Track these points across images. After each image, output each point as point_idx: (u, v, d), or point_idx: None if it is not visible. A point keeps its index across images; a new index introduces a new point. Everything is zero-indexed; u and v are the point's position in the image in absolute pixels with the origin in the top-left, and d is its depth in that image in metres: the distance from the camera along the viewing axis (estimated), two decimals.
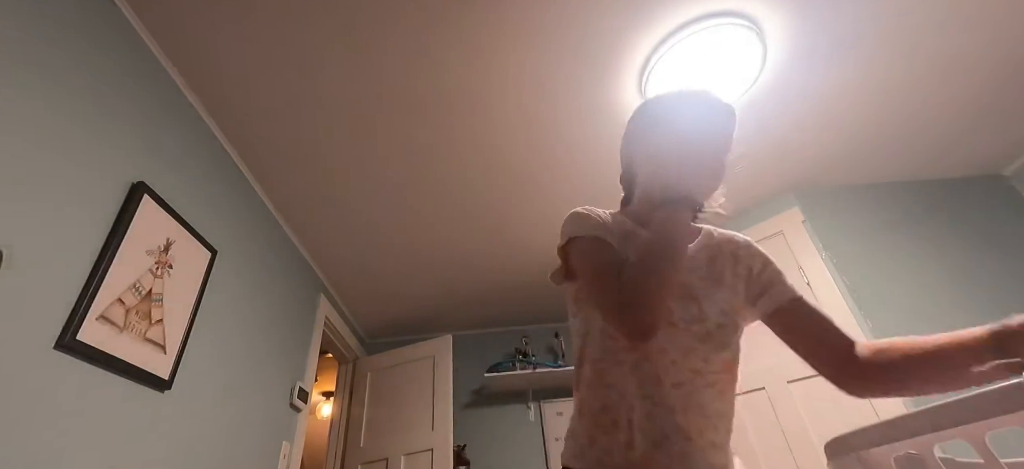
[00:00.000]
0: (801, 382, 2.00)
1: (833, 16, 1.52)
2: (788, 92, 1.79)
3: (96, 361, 1.15)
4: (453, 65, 1.61)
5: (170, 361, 1.39)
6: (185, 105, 1.61)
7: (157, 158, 1.44)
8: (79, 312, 1.10)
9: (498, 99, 1.74)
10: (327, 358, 3.28)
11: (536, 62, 1.62)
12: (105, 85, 1.28)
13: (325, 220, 2.32)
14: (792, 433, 1.96)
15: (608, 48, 1.59)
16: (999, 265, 2.07)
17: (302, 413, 2.32)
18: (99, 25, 1.29)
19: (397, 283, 2.89)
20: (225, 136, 1.80)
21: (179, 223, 1.47)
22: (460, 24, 1.48)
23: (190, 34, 1.46)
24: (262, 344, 1.99)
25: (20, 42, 1.06)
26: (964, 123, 2.01)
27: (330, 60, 1.56)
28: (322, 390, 4.64)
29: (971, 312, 1.94)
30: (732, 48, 1.58)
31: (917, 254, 2.11)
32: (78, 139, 1.17)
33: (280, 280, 2.20)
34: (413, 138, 1.88)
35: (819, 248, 2.12)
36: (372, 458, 2.80)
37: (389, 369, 3.07)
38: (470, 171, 2.07)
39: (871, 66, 1.71)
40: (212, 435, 1.58)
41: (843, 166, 2.20)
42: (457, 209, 2.31)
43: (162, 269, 1.39)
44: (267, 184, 2.06)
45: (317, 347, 2.57)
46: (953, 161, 2.24)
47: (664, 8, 1.48)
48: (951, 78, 1.78)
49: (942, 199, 2.27)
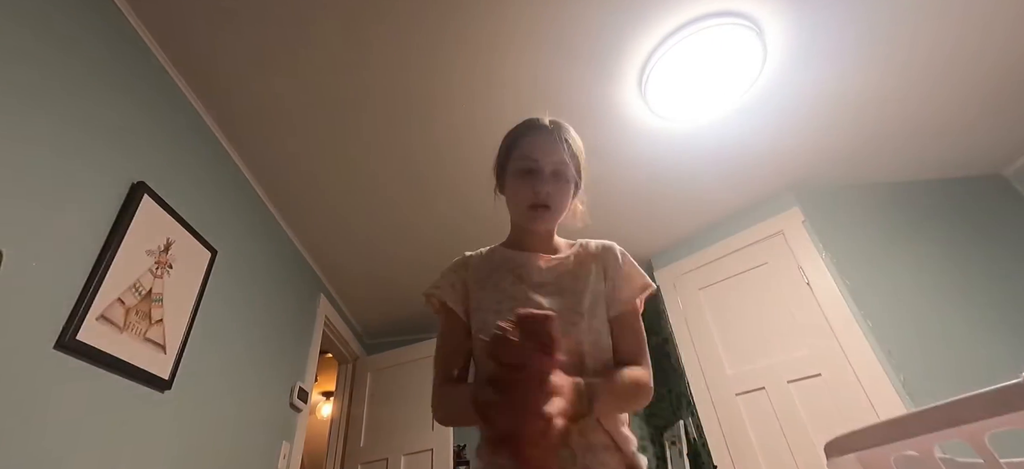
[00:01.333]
0: (801, 382, 2.00)
1: (833, 16, 1.52)
2: (788, 92, 1.79)
3: (96, 361, 1.15)
4: (453, 65, 1.61)
5: (170, 361, 1.39)
6: (185, 105, 1.61)
7: (157, 158, 1.44)
8: (79, 312, 1.10)
9: (497, 99, 1.74)
10: (327, 358, 3.28)
11: (535, 62, 1.62)
12: (105, 85, 1.28)
13: (325, 220, 2.32)
14: (792, 433, 1.96)
15: (608, 48, 1.59)
16: (999, 265, 2.07)
17: (302, 413, 2.32)
18: (99, 25, 1.29)
19: (397, 283, 2.89)
20: (225, 136, 1.80)
21: (179, 223, 1.47)
22: (459, 24, 1.48)
23: (191, 34, 1.46)
24: (262, 344, 1.99)
25: (20, 42, 1.06)
26: (964, 123, 2.01)
27: (329, 60, 1.56)
28: (322, 390, 4.63)
29: (971, 312, 1.95)
30: (732, 48, 1.58)
31: (917, 254, 2.11)
32: (78, 139, 1.17)
33: (280, 280, 2.20)
34: (413, 137, 1.88)
35: (819, 248, 2.12)
36: (372, 458, 2.80)
37: (389, 369, 3.07)
38: (470, 171, 2.07)
39: (871, 66, 1.71)
40: (212, 435, 1.58)
41: (843, 166, 2.20)
42: (457, 208, 2.31)
43: (162, 269, 1.39)
44: (267, 184, 2.06)
45: (317, 347, 2.57)
46: (953, 161, 2.24)
47: (664, 8, 1.48)
48: (951, 78, 1.78)
49: (942, 199, 2.27)
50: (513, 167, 0.86)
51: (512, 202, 0.88)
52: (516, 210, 0.88)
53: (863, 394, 1.83)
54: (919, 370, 1.80)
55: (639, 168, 2.12)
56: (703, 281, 2.49)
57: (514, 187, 0.85)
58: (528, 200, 0.83)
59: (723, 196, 2.37)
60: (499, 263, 0.89)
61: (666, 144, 2.00)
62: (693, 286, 2.52)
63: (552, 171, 0.83)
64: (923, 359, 1.83)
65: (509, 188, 0.87)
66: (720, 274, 2.43)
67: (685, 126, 1.91)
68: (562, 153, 0.83)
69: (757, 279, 2.29)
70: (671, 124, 1.89)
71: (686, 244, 2.65)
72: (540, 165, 0.83)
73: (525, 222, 0.87)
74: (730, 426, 2.15)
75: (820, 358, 1.99)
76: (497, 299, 0.82)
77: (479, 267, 0.90)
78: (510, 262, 0.88)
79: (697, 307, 2.46)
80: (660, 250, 2.74)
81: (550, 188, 0.82)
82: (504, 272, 0.86)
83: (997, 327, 1.90)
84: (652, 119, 1.85)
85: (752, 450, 2.05)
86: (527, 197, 0.83)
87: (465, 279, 0.88)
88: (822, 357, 1.98)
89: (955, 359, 1.84)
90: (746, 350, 2.22)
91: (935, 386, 1.76)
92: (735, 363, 2.24)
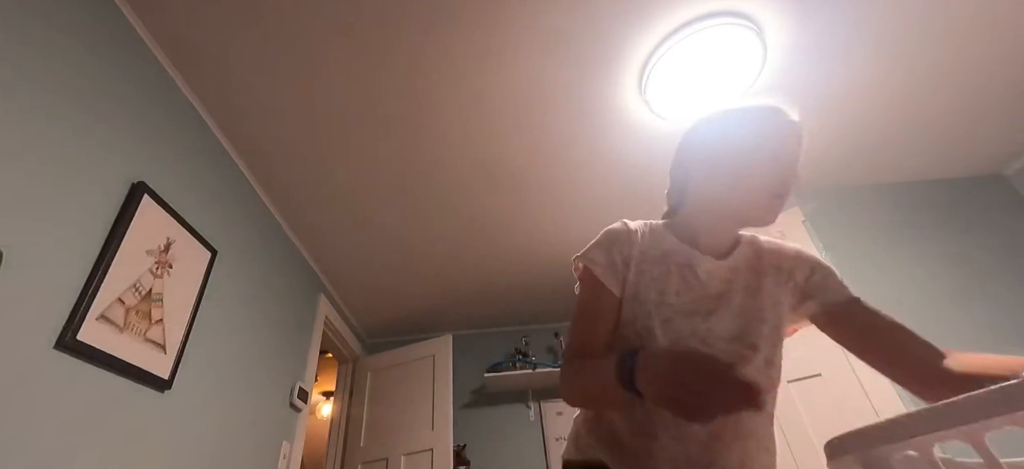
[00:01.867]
0: (801, 382, 2.00)
1: (833, 16, 1.52)
2: (788, 92, 1.79)
3: (96, 361, 1.15)
4: (453, 66, 1.61)
5: (170, 361, 1.39)
6: (185, 105, 1.61)
7: (157, 158, 1.44)
8: (79, 312, 1.10)
9: (497, 100, 1.74)
10: (327, 358, 3.28)
11: (534, 62, 1.62)
12: (106, 85, 1.28)
13: (325, 220, 2.32)
14: (792, 433, 1.96)
15: (608, 48, 1.59)
16: (999, 265, 2.07)
17: (302, 413, 2.32)
18: (100, 26, 1.29)
19: (397, 283, 2.89)
20: (225, 136, 1.80)
21: (179, 223, 1.47)
22: (459, 25, 1.48)
23: (191, 35, 1.46)
24: (262, 344, 1.99)
25: (21, 42, 1.06)
26: (964, 123, 2.01)
27: (330, 61, 1.56)
28: (322, 390, 4.64)
29: (971, 312, 1.95)
30: (732, 48, 1.58)
31: (917, 254, 2.11)
32: (78, 139, 1.17)
33: (280, 280, 2.20)
34: (412, 138, 1.88)
35: (819, 248, 2.12)
36: (372, 458, 2.80)
37: (389, 369, 3.07)
38: (470, 171, 2.07)
39: (871, 66, 1.71)
40: (212, 435, 1.58)
41: (843, 166, 2.20)
42: (457, 209, 2.31)
43: (162, 269, 1.39)
44: (267, 184, 2.06)
45: (317, 347, 2.57)
46: (953, 161, 2.24)
47: (664, 8, 1.48)
48: (951, 78, 1.78)
49: (942, 199, 2.27)
50: (758, 145, 0.74)
51: (739, 185, 0.76)
52: (746, 195, 0.75)
53: (863, 394, 1.83)
54: None
55: (639, 168, 2.12)
56: None
57: (755, 169, 0.74)
58: (773, 188, 0.73)
59: None
60: (665, 252, 0.80)
61: (666, 144, 2.00)
62: None
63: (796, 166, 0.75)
64: None
65: (741, 168, 0.75)
66: None
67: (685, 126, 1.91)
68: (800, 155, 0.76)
69: None
70: (671, 124, 1.89)
71: None
72: (793, 155, 0.74)
73: (757, 211, 0.75)
74: None
75: (820, 358, 1.99)
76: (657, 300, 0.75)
77: (648, 248, 0.80)
78: (677, 256, 0.79)
79: None
80: None
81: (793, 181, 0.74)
82: (670, 267, 0.78)
83: (997, 327, 1.89)
84: (652, 119, 1.85)
85: None
86: (772, 185, 0.73)
87: (628, 257, 0.79)
88: (822, 357, 1.98)
89: None
90: None
91: None
92: None
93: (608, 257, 0.79)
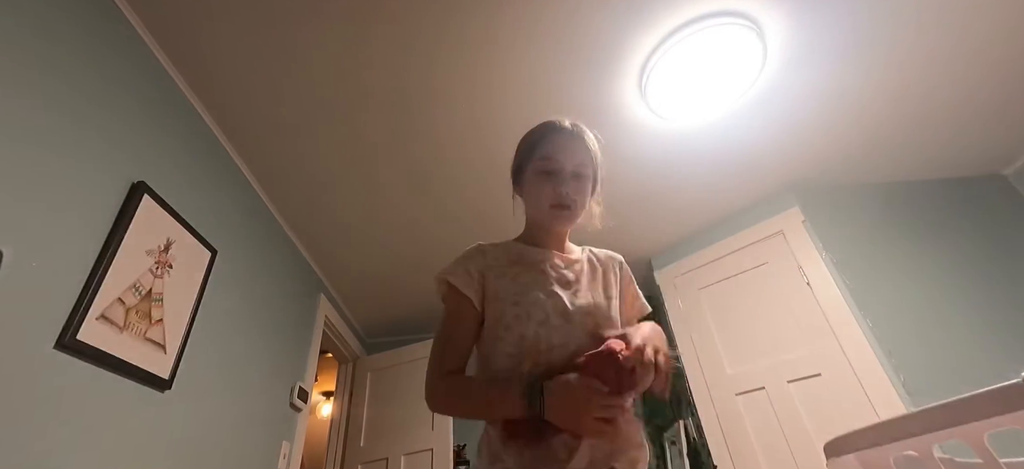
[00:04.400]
0: (801, 382, 2.00)
1: (833, 16, 1.52)
2: (788, 92, 1.79)
3: (96, 361, 1.15)
4: (453, 65, 1.61)
5: (170, 361, 1.39)
6: (185, 105, 1.61)
7: (157, 158, 1.44)
8: (79, 312, 1.10)
9: (498, 99, 1.74)
10: (327, 358, 3.28)
11: (535, 61, 1.62)
12: (105, 85, 1.28)
13: (325, 220, 2.32)
14: (792, 433, 1.96)
15: (607, 48, 1.59)
16: (998, 265, 2.07)
17: (302, 413, 2.32)
18: (99, 25, 1.29)
19: (397, 283, 2.89)
20: (225, 136, 1.80)
21: (179, 223, 1.47)
22: (460, 24, 1.48)
23: (191, 34, 1.46)
24: (262, 344, 1.99)
25: (20, 41, 1.06)
26: (964, 123, 2.01)
27: (330, 59, 1.56)
28: (322, 390, 4.64)
29: (971, 312, 1.95)
30: (732, 48, 1.58)
31: (917, 254, 2.11)
32: (78, 139, 1.17)
33: (280, 280, 2.20)
34: (412, 138, 1.88)
35: (819, 248, 2.12)
36: (372, 458, 2.80)
37: (389, 369, 3.07)
38: (471, 170, 2.07)
39: (871, 66, 1.71)
40: (212, 434, 1.58)
41: (843, 166, 2.20)
42: (456, 209, 2.31)
43: (162, 269, 1.39)
44: (267, 184, 2.06)
45: (317, 347, 2.57)
46: (953, 161, 2.24)
47: (664, 8, 1.48)
48: (951, 78, 1.78)
49: (942, 199, 2.27)
50: (534, 167, 0.87)
51: (532, 202, 0.90)
52: (537, 210, 0.89)
53: (863, 394, 1.83)
54: (919, 370, 1.80)
55: (639, 168, 2.12)
56: (703, 281, 2.49)
57: (535, 187, 0.87)
58: (550, 200, 0.85)
59: (723, 196, 2.37)
60: (517, 256, 0.89)
61: (666, 144, 2.00)
62: (693, 286, 2.52)
63: (573, 172, 0.85)
64: (923, 359, 1.83)
65: (529, 188, 0.89)
66: (720, 274, 2.43)
67: (685, 126, 1.91)
68: (583, 155, 0.86)
69: (757, 279, 2.29)
70: (671, 124, 1.89)
71: (686, 244, 2.65)
72: (562, 166, 0.85)
73: (546, 222, 0.89)
74: (730, 426, 2.15)
75: (820, 358, 1.99)
76: (517, 291, 0.83)
77: (497, 257, 0.89)
78: (528, 256, 0.89)
79: (697, 307, 2.46)
80: (660, 250, 2.74)
81: (571, 189, 0.84)
82: (524, 266, 0.87)
83: (997, 327, 1.90)
84: (652, 119, 1.85)
85: (752, 450, 2.05)
86: (549, 197, 0.85)
87: (482, 268, 0.88)
88: (822, 357, 1.98)
89: (955, 359, 1.84)
90: (746, 350, 2.22)
91: (935, 386, 1.76)
92: (735, 363, 2.24)
93: (464, 269, 0.88)
